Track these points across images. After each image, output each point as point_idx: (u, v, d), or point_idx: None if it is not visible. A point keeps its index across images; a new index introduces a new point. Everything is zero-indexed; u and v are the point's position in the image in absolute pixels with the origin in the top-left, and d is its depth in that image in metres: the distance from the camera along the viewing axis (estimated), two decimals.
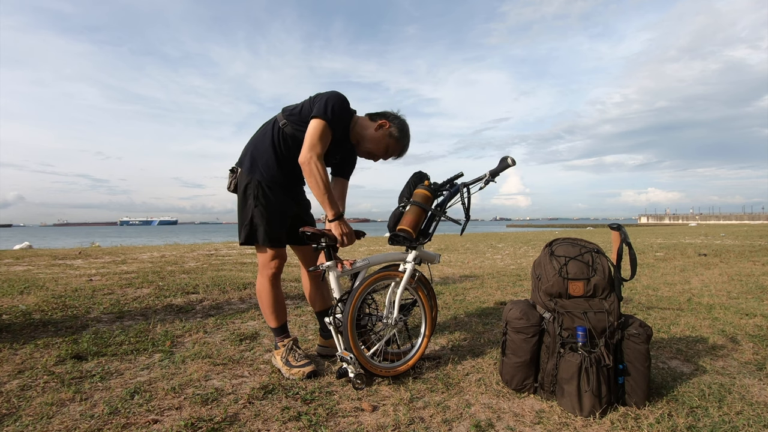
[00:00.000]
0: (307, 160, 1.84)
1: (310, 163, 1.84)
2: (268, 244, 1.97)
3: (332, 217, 1.90)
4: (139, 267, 5.16)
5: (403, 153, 2.15)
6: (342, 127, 2.00)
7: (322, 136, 1.87)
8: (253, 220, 1.96)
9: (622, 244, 1.80)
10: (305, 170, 1.86)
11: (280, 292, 2.07)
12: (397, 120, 2.08)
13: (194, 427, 1.45)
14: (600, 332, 1.63)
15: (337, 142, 2.01)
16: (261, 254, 2.02)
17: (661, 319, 2.92)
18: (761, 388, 1.80)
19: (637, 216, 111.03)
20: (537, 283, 1.79)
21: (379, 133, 2.05)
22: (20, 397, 1.67)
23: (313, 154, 1.84)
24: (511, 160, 2.03)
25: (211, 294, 3.61)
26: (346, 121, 2.02)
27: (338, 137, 2.00)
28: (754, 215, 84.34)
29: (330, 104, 1.89)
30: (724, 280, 4.59)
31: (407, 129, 2.10)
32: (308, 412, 1.56)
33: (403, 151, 2.13)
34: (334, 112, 1.89)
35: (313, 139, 1.85)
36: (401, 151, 2.13)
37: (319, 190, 1.86)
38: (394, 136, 2.06)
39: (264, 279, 2.03)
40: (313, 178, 1.84)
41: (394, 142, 2.07)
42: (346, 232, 1.93)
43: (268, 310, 2.05)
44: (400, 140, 2.08)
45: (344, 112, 1.97)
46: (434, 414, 1.57)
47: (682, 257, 6.94)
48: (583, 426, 1.50)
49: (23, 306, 3.00)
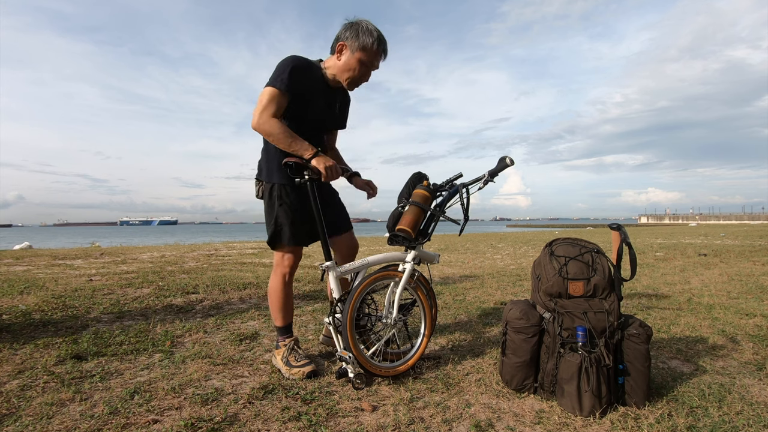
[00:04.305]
0: (257, 125, 1.87)
1: (260, 126, 1.87)
2: (293, 242, 2.01)
3: (309, 155, 1.87)
4: (139, 267, 5.16)
5: (379, 49, 1.98)
6: (304, 84, 1.93)
7: (270, 100, 1.86)
8: (278, 220, 2.00)
9: (622, 244, 1.80)
10: (262, 133, 1.90)
11: (290, 293, 2.08)
12: (350, 30, 1.95)
13: (194, 427, 1.45)
14: (600, 332, 1.63)
15: (322, 93, 2.01)
16: (277, 252, 2.05)
17: (661, 319, 2.92)
18: (761, 388, 1.80)
19: (637, 216, 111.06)
20: (537, 283, 1.79)
21: (342, 58, 1.98)
22: (20, 397, 1.67)
23: (261, 116, 1.85)
24: (510, 160, 2.03)
25: (211, 294, 3.61)
26: (304, 80, 1.93)
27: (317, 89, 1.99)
28: (754, 215, 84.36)
29: (278, 70, 1.88)
30: (724, 280, 4.59)
31: (364, 27, 1.94)
32: (308, 412, 1.56)
33: (375, 49, 1.96)
34: (281, 76, 1.87)
35: (261, 105, 1.86)
36: (375, 52, 1.97)
37: (283, 142, 1.86)
38: (355, 48, 1.94)
39: (277, 277, 2.05)
40: (271, 137, 1.87)
41: (360, 52, 1.95)
42: (329, 165, 1.88)
43: (275, 309, 2.06)
44: (364, 45, 1.94)
45: (294, 71, 1.89)
46: (434, 414, 1.57)
47: (682, 257, 6.94)
48: (583, 426, 1.50)
49: (23, 306, 3.00)
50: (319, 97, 2.02)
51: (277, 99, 1.87)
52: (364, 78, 2.04)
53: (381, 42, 1.97)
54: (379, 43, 1.96)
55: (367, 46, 1.94)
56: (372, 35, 1.94)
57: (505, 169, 2.06)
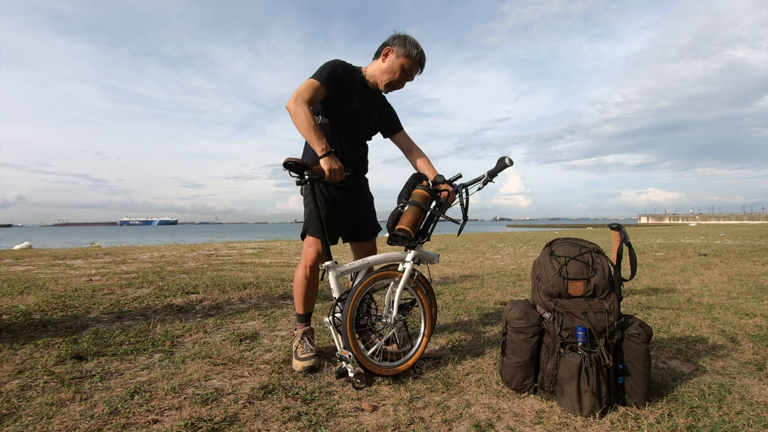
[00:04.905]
0: (289, 104, 1.95)
1: (291, 106, 1.94)
2: (319, 235, 2.08)
3: (321, 153, 1.93)
4: (139, 267, 5.16)
5: (420, 61, 2.15)
6: (343, 84, 2.07)
7: (308, 88, 1.97)
8: (309, 215, 2.12)
9: (622, 244, 1.80)
10: (290, 113, 1.95)
11: (312, 285, 2.16)
12: (398, 39, 2.12)
13: (194, 427, 1.45)
14: (600, 332, 1.63)
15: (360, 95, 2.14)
16: (305, 245, 2.16)
17: (661, 319, 2.92)
18: (761, 388, 1.81)
19: (637, 216, 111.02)
20: (537, 283, 1.79)
21: (387, 61, 2.13)
22: (20, 397, 1.67)
23: (297, 98, 1.94)
24: (509, 160, 2.06)
25: (211, 294, 3.61)
26: (345, 78, 2.08)
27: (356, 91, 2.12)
28: (754, 215, 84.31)
29: (321, 67, 2.05)
30: (724, 280, 4.59)
31: (411, 40, 2.12)
32: (308, 412, 1.56)
33: (417, 59, 2.13)
34: (323, 71, 2.02)
35: (299, 90, 1.96)
36: (416, 62, 2.14)
37: (304, 128, 1.92)
38: (401, 54, 2.10)
39: (301, 268, 2.15)
40: (298, 118, 1.92)
41: (404, 58, 2.10)
42: (335, 168, 1.94)
43: (297, 297, 2.17)
44: (409, 53, 2.10)
45: (337, 68, 2.06)
46: (434, 414, 1.57)
47: (682, 257, 6.94)
48: (583, 426, 1.50)
49: (23, 306, 3.00)
50: (356, 97, 2.14)
51: (315, 88, 1.98)
52: (401, 84, 2.18)
53: (423, 56, 2.15)
54: (421, 56, 2.15)
55: (411, 54, 2.11)
56: (417, 48, 2.12)
57: (504, 170, 2.09)
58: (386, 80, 2.13)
